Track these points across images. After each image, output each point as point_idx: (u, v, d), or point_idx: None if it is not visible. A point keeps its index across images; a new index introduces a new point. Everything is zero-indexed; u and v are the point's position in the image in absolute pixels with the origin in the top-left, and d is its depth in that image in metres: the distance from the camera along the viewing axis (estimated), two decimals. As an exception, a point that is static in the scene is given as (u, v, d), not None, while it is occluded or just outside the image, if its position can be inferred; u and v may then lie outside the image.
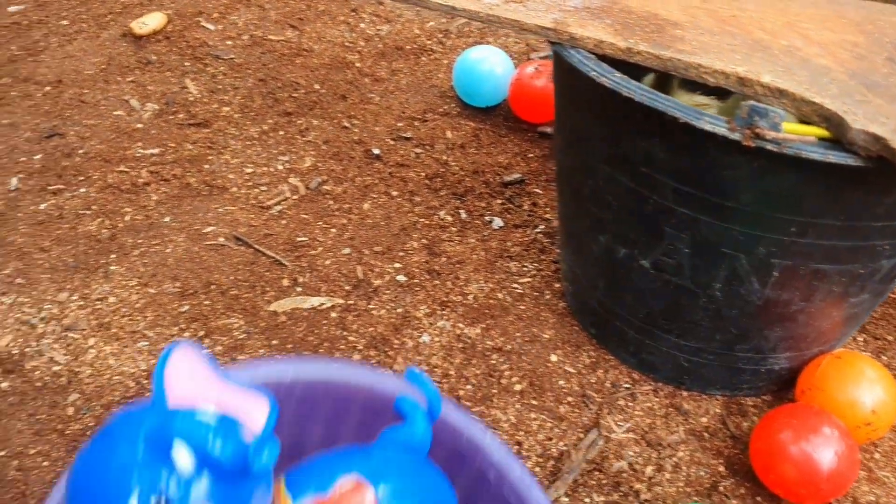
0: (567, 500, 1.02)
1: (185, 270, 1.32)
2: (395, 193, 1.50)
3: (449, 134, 1.67)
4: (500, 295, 1.30)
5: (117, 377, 1.15)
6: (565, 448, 1.08)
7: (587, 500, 1.02)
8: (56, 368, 1.16)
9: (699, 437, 1.09)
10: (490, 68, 1.68)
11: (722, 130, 0.79)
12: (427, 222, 1.44)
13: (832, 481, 0.95)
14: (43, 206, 1.43)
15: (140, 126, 1.64)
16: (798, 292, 0.96)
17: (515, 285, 1.32)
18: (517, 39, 1.97)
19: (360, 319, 1.25)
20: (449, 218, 1.45)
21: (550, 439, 1.09)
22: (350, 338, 1.22)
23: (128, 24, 1.93)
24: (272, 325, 1.23)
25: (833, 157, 0.77)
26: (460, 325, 1.24)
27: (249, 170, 1.54)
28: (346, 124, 1.67)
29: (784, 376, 1.11)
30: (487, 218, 1.46)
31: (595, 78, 0.87)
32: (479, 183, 1.54)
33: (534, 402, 1.13)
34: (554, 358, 1.19)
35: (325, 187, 1.51)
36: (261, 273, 1.32)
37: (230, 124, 1.65)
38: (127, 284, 1.29)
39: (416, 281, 1.32)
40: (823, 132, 0.79)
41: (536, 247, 1.40)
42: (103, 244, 1.37)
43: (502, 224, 1.45)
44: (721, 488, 1.04)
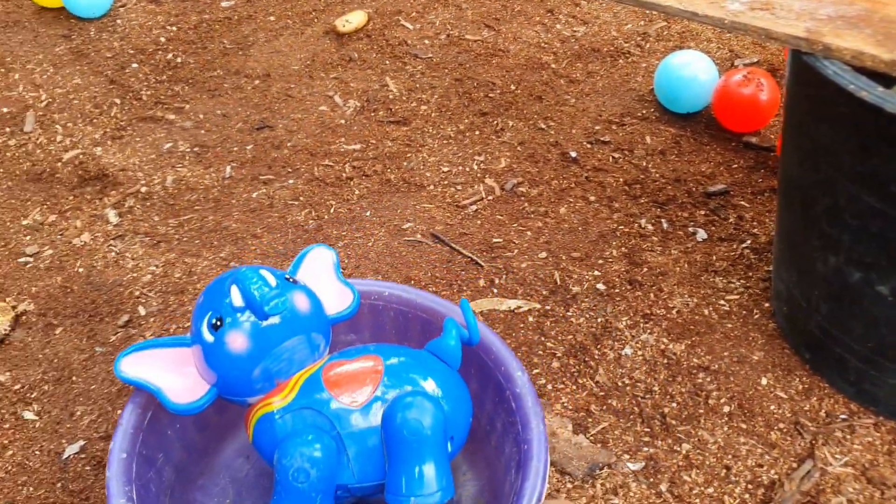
0: (781, 535, 0.96)
1: (386, 264, 1.35)
2: (593, 198, 1.48)
3: (648, 139, 1.63)
4: (706, 311, 1.25)
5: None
6: (776, 477, 1.02)
7: (803, 537, 0.96)
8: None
9: (931, 482, 1.00)
10: (694, 74, 1.62)
11: None
12: (626, 230, 1.40)
13: None
14: (255, 195, 1.51)
15: (343, 122, 1.69)
16: None
17: (722, 302, 1.26)
18: (720, 45, 1.89)
19: (559, 326, 1.23)
20: (650, 227, 1.41)
21: (761, 466, 1.03)
22: (548, 343, 1.21)
23: (331, 22, 2.00)
24: (471, 325, 1.23)
25: None
26: (664, 340, 1.20)
27: (446, 168, 1.56)
28: (542, 125, 1.66)
29: None
30: (691, 229, 1.40)
31: (854, 92, 0.81)
32: (681, 192, 1.49)
33: (743, 426, 1.08)
34: (764, 381, 1.13)
35: (521, 189, 1.50)
36: (457, 272, 1.33)
37: (428, 123, 1.68)
38: (331, 275, 1.34)
39: (617, 290, 1.29)
40: None
41: (743, 262, 1.33)
42: (310, 234, 1.43)
43: (706, 236, 1.39)
44: (957, 541, 0.95)
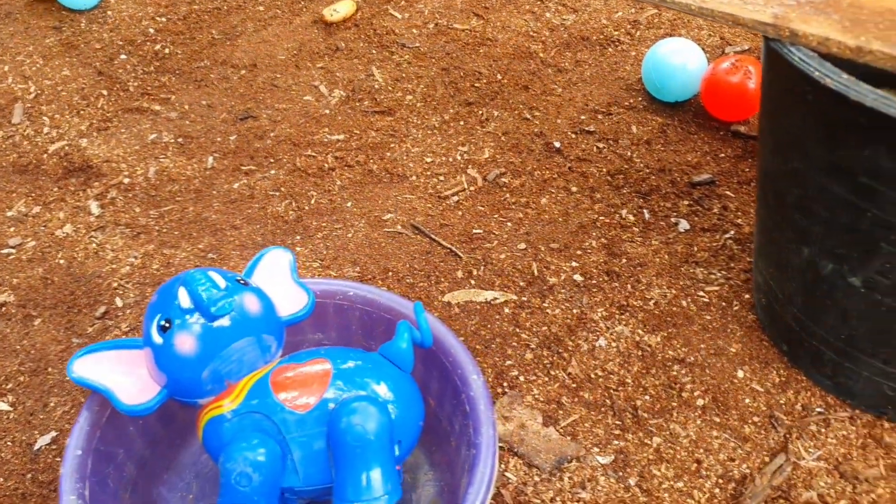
0: (749, 530, 0.95)
1: (365, 255, 1.34)
2: (575, 189, 1.46)
3: (634, 129, 1.61)
4: (684, 303, 1.23)
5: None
6: (748, 471, 1.00)
7: (772, 532, 0.95)
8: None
9: (904, 477, 0.99)
10: (682, 62, 1.60)
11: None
12: (607, 221, 1.39)
13: None
14: (236, 186, 1.50)
15: (327, 112, 1.68)
16: None
17: (701, 293, 1.25)
18: (710, 32, 1.87)
19: (534, 317, 1.22)
20: (631, 217, 1.39)
21: (733, 460, 1.02)
22: (523, 335, 1.19)
23: (319, 11, 1.98)
24: (445, 316, 1.22)
25: None
26: (640, 332, 1.19)
27: (429, 159, 1.54)
28: (527, 116, 1.64)
29: None
30: (673, 219, 1.39)
31: (819, 79, 0.79)
32: (665, 182, 1.47)
33: (716, 420, 1.06)
34: (740, 374, 1.12)
35: (503, 180, 1.49)
36: (436, 263, 1.32)
37: (412, 113, 1.66)
38: (310, 266, 1.33)
39: (594, 282, 1.27)
40: None
41: (725, 253, 1.31)
42: (290, 225, 1.42)
43: (689, 227, 1.37)
44: (928, 536, 0.93)
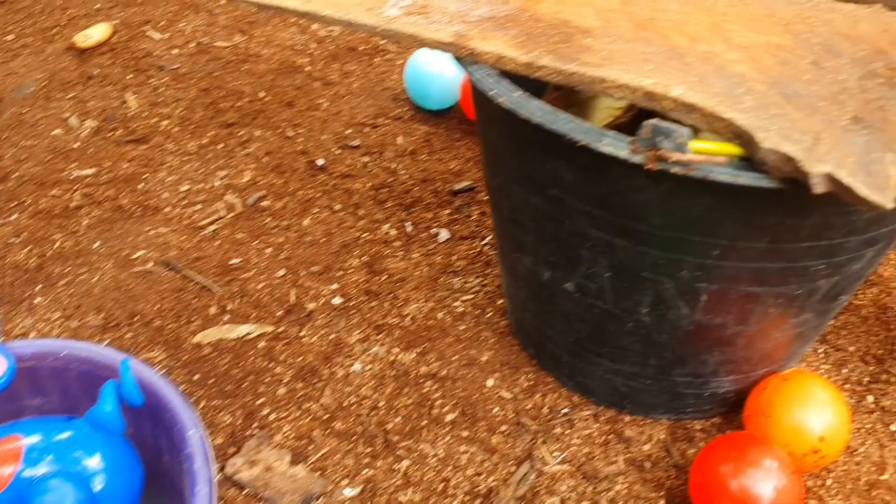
0: (495, 543, 0.96)
1: (111, 300, 1.26)
2: (338, 207, 1.44)
3: (400, 140, 1.60)
4: (440, 315, 1.23)
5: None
6: (495, 484, 1.01)
7: (517, 542, 0.96)
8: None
9: (640, 468, 1.02)
10: (440, 70, 1.60)
11: (623, 153, 0.72)
12: (370, 237, 1.37)
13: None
14: (-31, 237, 1.38)
15: (77, 145, 1.58)
16: (731, 316, 0.89)
17: (457, 303, 1.25)
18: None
19: (290, 348, 1.19)
20: (393, 232, 1.38)
21: (480, 475, 1.02)
22: (277, 369, 1.16)
23: (73, 38, 1.86)
24: (195, 359, 1.17)
25: (745, 179, 0.69)
26: (395, 351, 1.17)
27: (185, 187, 1.48)
28: (290, 133, 1.60)
29: (731, 398, 1.04)
30: (434, 230, 1.39)
31: (493, 98, 0.80)
32: (428, 192, 1.47)
33: (465, 434, 1.07)
34: (490, 382, 1.13)
35: (264, 203, 1.44)
36: (188, 301, 1.26)
37: (168, 139, 1.59)
38: (50, 318, 1.23)
39: (353, 303, 1.25)
40: (738, 150, 0.72)
41: (482, 260, 1.33)
42: (30, 274, 1.32)
43: (449, 236, 1.38)
44: (661, 524, 0.97)
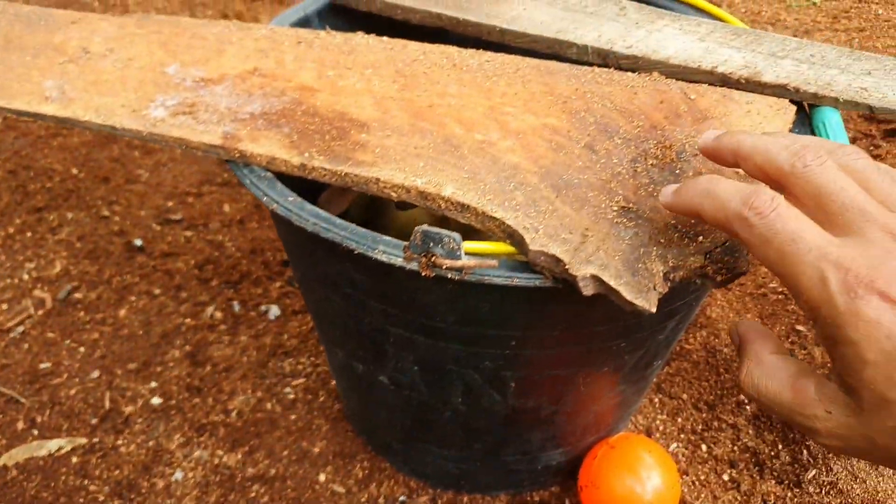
0: None
1: None
2: (158, 291, 1.35)
3: (227, 208, 1.53)
4: (269, 405, 1.16)
5: None
6: (330, 592, 0.95)
7: None
8: None
9: (478, 554, 0.99)
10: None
11: (398, 260, 0.68)
12: (193, 323, 1.29)
13: None
14: None
15: None
16: (544, 398, 0.86)
17: (287, 389, 1.19)
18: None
19: (106, 461, 1.09)
20: (219, 314, 1.31)
21: (313, 585, 0.96)
22: (91, 487, 1.06)
23: None
24: (0, 484, 1.06)
25: (518, 281, 0.66)
26: (219, 453, 1.10)
27: (-12, 286, 1.36)
28: (106, 213, 1.50)
29: (565, 468, 1.02)
30: (263, 307, 1.32)
31: (266, 205, 0.74)
32: (258, 264, 1.40)
33: (296, 540, 1.01)
34: (322, 477, 1.07)
35: (77, 295, 1.34)
36: (-10, 419, 1.15)
37: (-31, 232, 1.46)
38: None
39: (174, 402, 1.17)
40: (511, 250, 0.69)
41: (315, 335, 1.27)
42: None
43: (279, 312, 1.31)
44: None
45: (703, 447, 1.08)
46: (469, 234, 0.87)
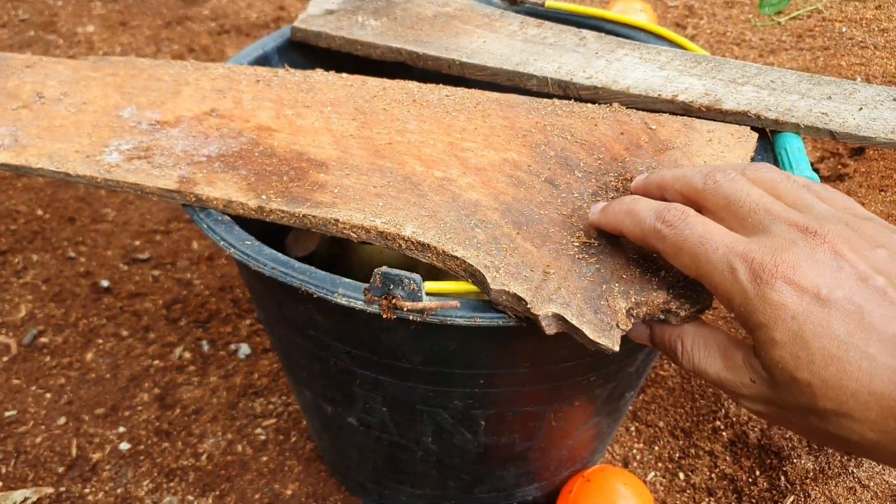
0: None
1: None
2: (126, 333, 1.32)
3: (195, 245, 1.51)
4: (240, 447, 1.14)
5: None
6: None
7: None
8: None
9: None
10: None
11: (359, 304, 0.66)
12: (161, 364, 1.27)
13: None
14: None
15: None
16: (516, 435, 0.85)
17: (259, 430, 1.16)
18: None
19: (72, 511, 1.07)
20: (188, 355, 1.28)
21: None
22: (57, 539, 1.04)
23: None
24: (-43, 545, 1.03)
25: (481, 321, 0.65)
26: (189, 499, 1.07)
27: (-49, 334, 1.33)
28: (72, 254, 1.48)
29: (543, 502, 1.00)
30: (233, 346, 1.30)
31: (225, 249, 0.73)
32: (227, 302, 1.38)
33: (269, 587, 0.98)
34: (295, 521, 1.05)
35: (42, 340, 1.31)
36: (-48, 472, 1.12)
37: (-69, 278, 1.43)
38: None
39: (142, 447, 1.14)
40: (474, 288, 0.68)
41: (284, 375, 1.25)
42: None
43: (249, 351, 1.29)
44: None
45: (681, 475, 1.07)
46: (434, 273, 0.86)
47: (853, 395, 0.43)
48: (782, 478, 1.04)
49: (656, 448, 1.11)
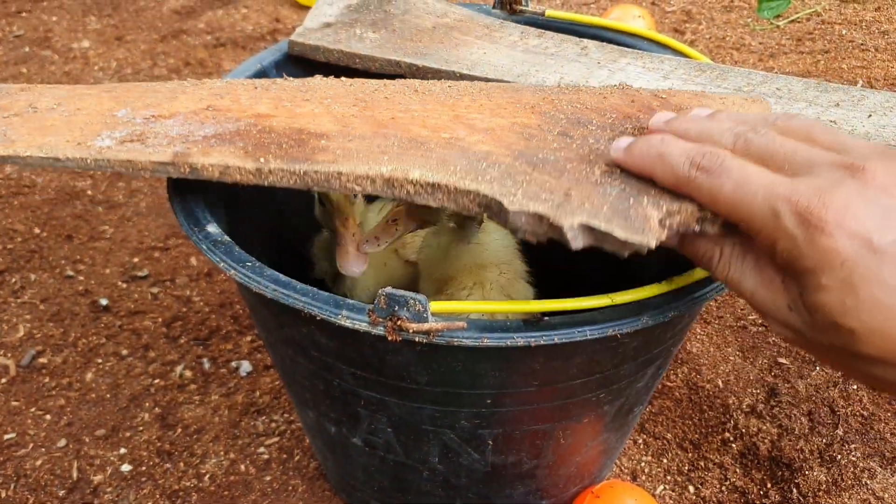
0: None
1: None
2: (126, 352, 1.31)
3: (193, 261, 1.49)
4: (243, 467, 1.12)
5: None
6: None
7: None
8: None
9: None
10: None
11: (364, 326, 0.65)
12: (162, 383, 1.25)
13: None
14: None
15: None
16: (524, 453, 0.83)
17: (261, 449, 1.15)
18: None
19: (73, 536, 1.05)
20: (188, 373, 1.27)
21: None
22: (58, 565, 1.02)
23: None
24: (-43, 573, 1.01)
25: (489, 341, 0.63)
26: (192, 521, 1.06)
27: (-52, 355, 1.31)
28: (70, 272, 1.46)
29: (551, 519, 0.99)
30: (234, 364, 1.28)
31: (225, 271, 0.71)
32: (227, 319, 1.37)
33: None
34: (301, 542, 1.03)
35: (41, 360, 1.30)
36: (-49, 498, 1.10)
37: (-72, 299, 1.42)
38: None
39: (144, 468, 1.13)
40: (481, 307, 0.66)
41: (286, 392, 1.23)
42: None
43: (251, 368, 1.27)
44: None
45: (691, 488, 1.05)
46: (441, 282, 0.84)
47: None
48: (794, 490, 1.02)
49: (665, 461, 1.09)
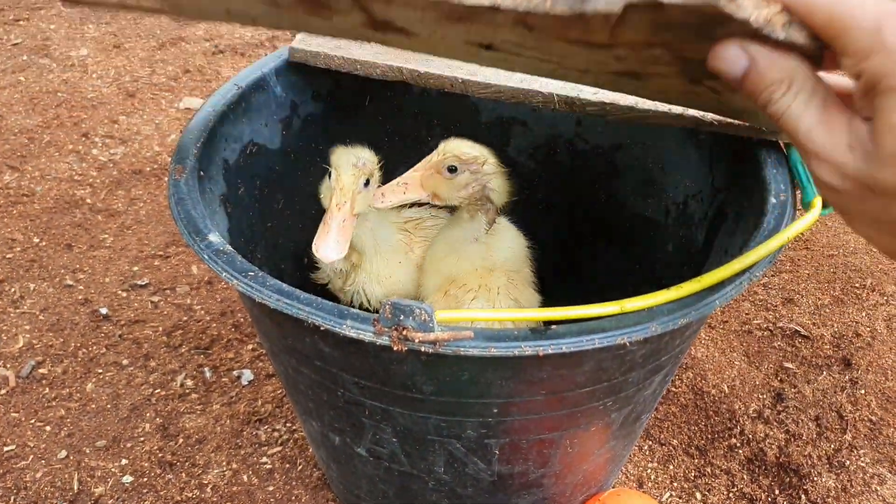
0: None
1: None
2: (126, 362, 1.30)
3: (194, 269, 1.48)
4: (245, 477, 1.11)
5: None
6: None
7: None
8: None
9: None
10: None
11: (368, 336, 0.64)
12: (163, 393, 1.24)
13: None
14: None
15: None
16: (531, 463, 0.82)
17: (264, 459, 1.14)
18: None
19: (75, 549, 1.04)
20: (189, 382, 1.26)
21: None
22: (60, 579, 1.01)
23: None
24: (-43, 587, 1.00)
25: (496, 350, 0.63)
26: (194, 532, 1.05)
27: (-53, 367, 1.30)
28: (70, 281, 1.45)
29: (557, 528, 0.98)
30: (236, 372, 1.27)
31: (227, 281, 0.71)
32: (228, 327, 1.36)
33: None
34: (305, 553, 1.02)
35: (41, 371, 1.29)
36: (-50, 511, 1.09)
37: (-74, 310, 1.41)
38: None
39: (145, 479, 1.12)
40: (488, 316, 0.65)
41: (288, 401, 1.22)
42: None
43: (252, 377, 1.26)
44: None
45: (698, 495, 1.04)
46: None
47: None
48: (803, 496, 1.01)
49: (671, 467, 1.08)
